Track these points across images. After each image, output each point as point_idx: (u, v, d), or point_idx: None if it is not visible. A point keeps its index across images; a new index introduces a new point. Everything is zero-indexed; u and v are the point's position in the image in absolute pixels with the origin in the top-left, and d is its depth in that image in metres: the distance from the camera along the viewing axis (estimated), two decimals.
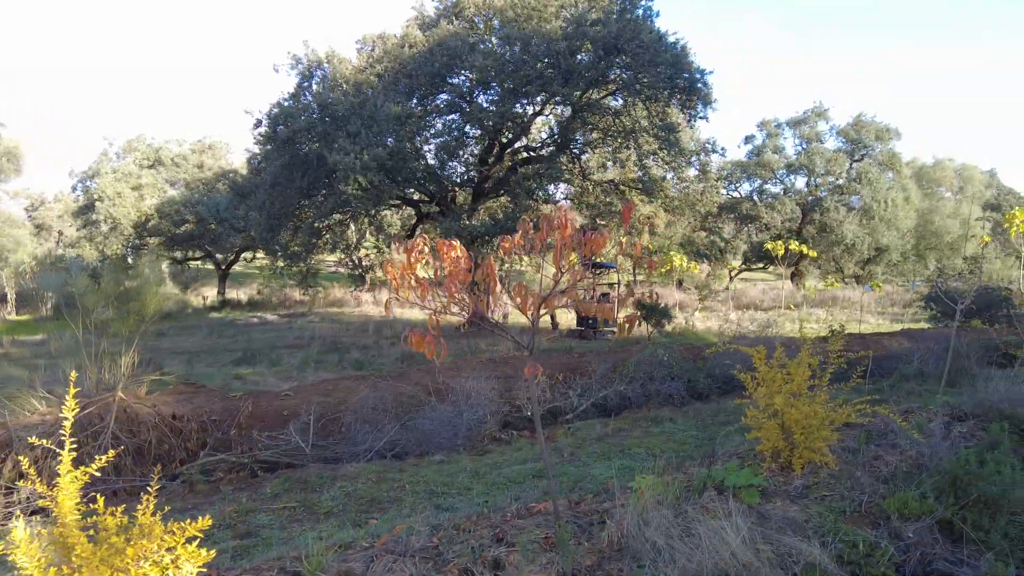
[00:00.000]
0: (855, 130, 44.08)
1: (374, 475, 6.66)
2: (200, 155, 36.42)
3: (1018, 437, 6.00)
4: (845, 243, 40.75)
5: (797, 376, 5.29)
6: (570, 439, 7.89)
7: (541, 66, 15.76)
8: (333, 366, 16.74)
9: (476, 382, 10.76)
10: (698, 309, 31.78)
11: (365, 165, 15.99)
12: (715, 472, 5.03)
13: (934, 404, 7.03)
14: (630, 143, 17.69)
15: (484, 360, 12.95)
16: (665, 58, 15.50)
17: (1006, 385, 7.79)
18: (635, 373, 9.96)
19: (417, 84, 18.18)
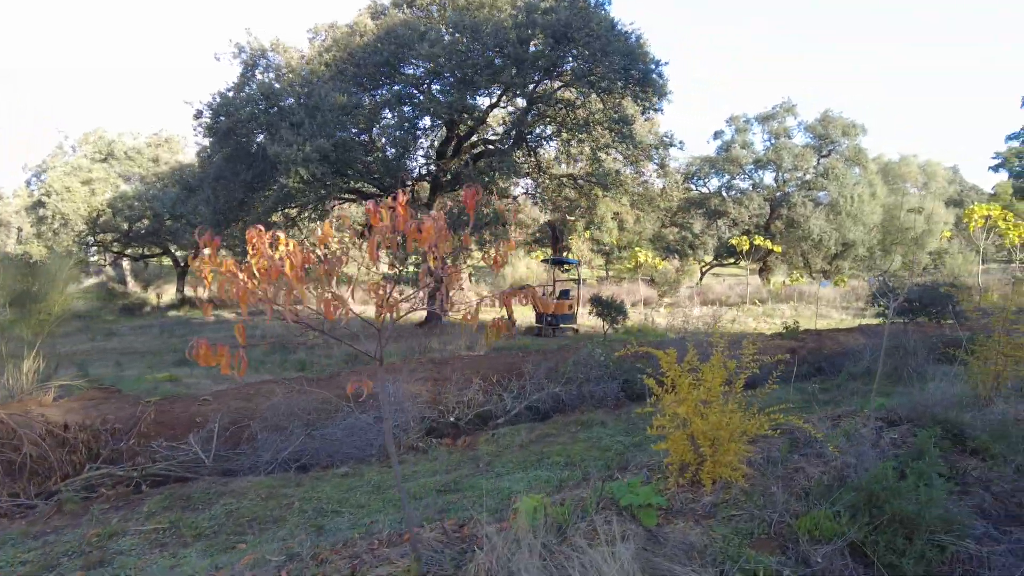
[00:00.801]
0: (822, 126, 44.18)
1: (266, 490, 6.10)
2: (156, 149, 35.31)
3: (950, 443, 5.62)
4: (812, 238, 40.82)
5: (708, 381, 4.83)
6: (491, 446, 7.40)
7: (491, 55, 15.23)
8: (276, 367, 16.09)
9: (407, 385, 10.24)
10: (662, 305, 31.52)
11: (307, 157, 15.34)
12: (616, 488, 4.55)
13: (870, 407, 6.65)
14: (584, 136, 17.23)
15: (426, 360, 12.41)
16: (617, 47, 15.05)
17: (947, 384, 7.45)
18: (572, 374, 9.50)
19: (366, 74, 17.53)
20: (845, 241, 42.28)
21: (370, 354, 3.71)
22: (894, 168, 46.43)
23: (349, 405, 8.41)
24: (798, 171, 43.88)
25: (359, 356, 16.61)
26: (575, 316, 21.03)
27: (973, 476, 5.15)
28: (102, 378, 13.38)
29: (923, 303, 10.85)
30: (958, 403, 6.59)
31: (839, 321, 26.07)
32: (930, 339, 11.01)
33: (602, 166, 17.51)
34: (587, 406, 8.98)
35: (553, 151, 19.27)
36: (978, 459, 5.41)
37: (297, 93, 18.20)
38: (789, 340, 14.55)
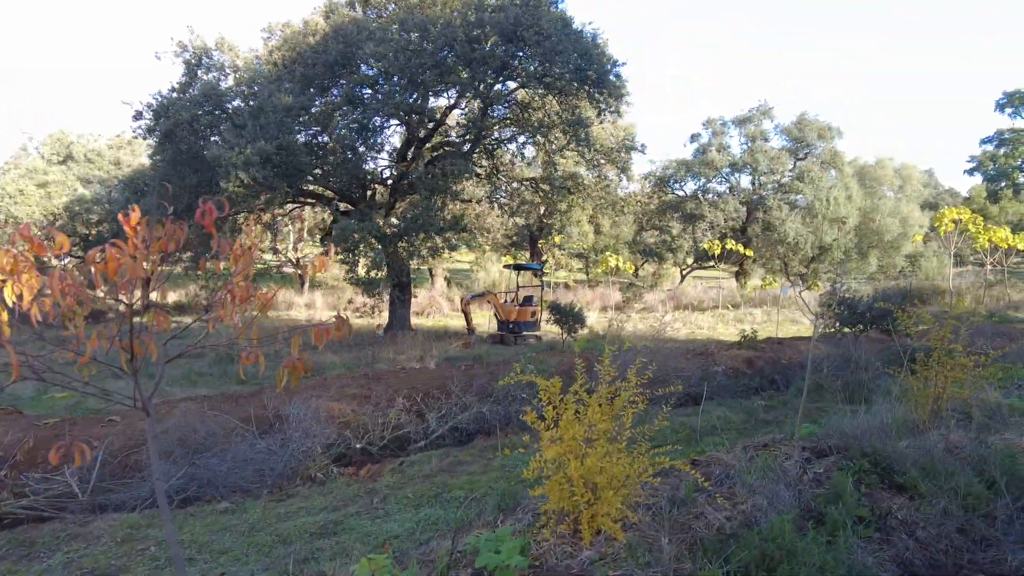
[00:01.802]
0: (798, 128, 43.99)
1: (126, 532, 5.45)
2: (117, 151, 34.38)
3: (878, 478, 5.07)
4: (787, 242, 40.54)
5: (590, 417, 4.24)
6: (396, 477, 6.78)
7: (441, 55, 14.63)
8: (215, 380, 15.39)
9: (333, 403, 9.61)
10: (635, 310, 31.03)
11: (248, 160, 14.66)
12: (482, 542, 3.95)
13: (801, 433, 6.10)
14: (539, 138, 16.67)
15: (361, 375, 11.76)
16: (567, 46, 14.49)
17: (889, 405, 6.93)
18: (501, 392, 8.89)
19: (315, 74, 16.87)
20: (821, 244, 42.06)
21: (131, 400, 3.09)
22: (870, 171, 46.31)
23: (252, 430, 7.76)
24: (774, 174, 43.67)
25: None
26: (538, 323, 20.46)
27: (898, 519, 4.60)
28: (19, 396, 12.60)
29: (873, 315, 10.38)
30: (896, 429, 6.06)
31: (808, 328, 25.68)
32: (883, 352, 10.53)
33: (558, 169, 16.94)
34: (513, 428, 8.39)
35: (511, 154, 18.63)
36: (906, 497, 4.87)
37: (244, 94, 17.52)
38: (747, 350, 14.05)
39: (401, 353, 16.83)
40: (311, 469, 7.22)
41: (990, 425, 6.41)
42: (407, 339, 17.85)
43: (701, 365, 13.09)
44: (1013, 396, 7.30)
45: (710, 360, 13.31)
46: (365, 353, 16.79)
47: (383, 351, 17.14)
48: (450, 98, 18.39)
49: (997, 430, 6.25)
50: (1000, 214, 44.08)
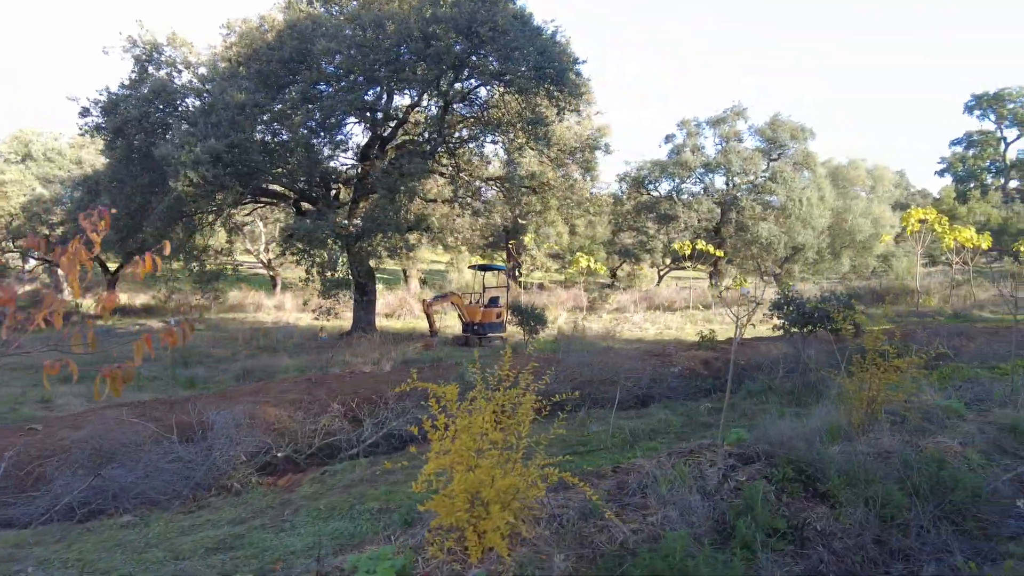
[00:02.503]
0: (771, 129, 44.15)
1: (7, 552, 5.10)
2: (79, 150, 33.62)
3: (801, 486, 4.86)
4: (760, 242, 40.66)
5: (479, 426, 3.97)
6: (315, 487, 6.48)
7: (395, 51, 14.31)
8: (163, 385, 14.94)
9: (269, 409, 9.28)
10: (608, 311, 30.93)
11: (197, 159, 14.24)
12: (361, 562, 3.67)
13: (732, 438, 5.88)
14: (500, 138, 16.42)
15: (303, 379, 11.42)
16: (524, 43, 14.23)
17: (829, 408, 6.75)
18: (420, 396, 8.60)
19: (270, 71, 16.47)
20: (794, 244, 42.25)
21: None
22: (843, 171, 46.67)
23: (174, 438, 7.41)
24: (747, 175, 43.80)
25: (253, 372, 15.55)
26: (504, 324, 20.19)
27: (816, 530, 4.38)
28: None
29: (819, 314, 10.24)
30: (829, 433, 5.88)
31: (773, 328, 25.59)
32: (834, 353, 10.38)
33: (518, 169, 16.69)
34: None
35: (470, 153, 18.32)
36: (828, 506, 4.67)
37: (199, 91, 17.09)
38: (705, 351, 13.89)
39: (359, 356, 16.47)
40: (233, 479, 6.89)
41: (925, 428, 6.24)
42: (366, 341, 17.49)
43: (657, 366, 12.91)
44: (952, 398, 7.15)
45: (667, 361, 13.13)
46: (319, 357, 16.42)
47: (341, 354, 16.77)
48: (412, 96, 18.07)
49: (932, 433, 6.09)
50: (969, 214, 44.56)
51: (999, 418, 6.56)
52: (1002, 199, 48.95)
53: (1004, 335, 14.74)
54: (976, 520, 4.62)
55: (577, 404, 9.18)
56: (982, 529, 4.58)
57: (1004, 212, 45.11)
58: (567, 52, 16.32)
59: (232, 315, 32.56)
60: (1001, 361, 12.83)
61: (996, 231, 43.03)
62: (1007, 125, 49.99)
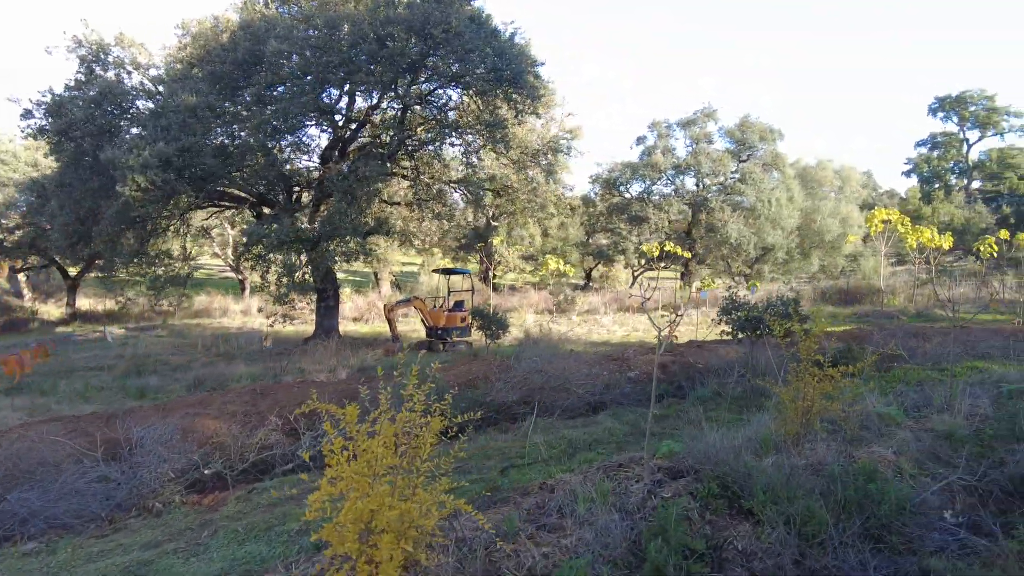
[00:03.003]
0: (741, 131, 44.50)
1: None
2: (36, 152, 32.80)
3: (726, 503, 4.74)
4: (730, 242, 40.94)
5: (374, 449, 3.77)
6: (241, 506, 6.23)
7: (348, 52, 14.03)
8: (111, 396, 14.51)
9: (202, 420, 8.99)
10: (578, 313, 30.87)
11: (145, 163, 13.86)
12: None
13: (664, 450, 5.75)
14: (458, 140, 16.23)
15: (248, 390, 11.11)
16: (478, 44, 14.04)
17: (769, 418, 6.66)
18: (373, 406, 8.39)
19: (224, 73, 16.12)
20: (764, 245, 42.60)
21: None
22: (811, 172, 47.14)
23: (98, 456, 7.11)
24: (717, 176, 44.08)
25: (206, 381, 15.19)
26: (470, 329, 19.97)
27: (737, 549, 4.25)
28: None
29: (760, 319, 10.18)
30: (763, 444, 5.77)
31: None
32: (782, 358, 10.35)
33: (477, 171, 16.52)
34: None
35: (428, 156, 18.08)
36: (751, 524, 4.55)
37: (151, 93, 16.68)
38: (663, 354, 13.80)
39: (316, 363, 16.18)
40: (159, 497, 6.62)
41: (862, 437, 6.17)
42: (322, 348, 17.19)
43: (614, 371, 12.80)
44: (893, 405, 7.10)
45: (624, 365, 13.03)
46: (275, 364, 16.10)
47: (298, 361, 16.47)
48: (371, 98, 17.81)
49: (868, 442, 6.02)
50: (933, 215, 45.29)
51: (936, 425, 6.52)
52: (965, 199, 49.85)
53: (957, 335, 14.88)
54: (901, 535, 4.53)
55: (526, 412, 9.02)
56: (906, 544, 4.49)
57: (967, 212, 45.92)
58: (526, 54, 16.17)
59: (197, 320, 31.98)
60: (954, 362, 12.93)
61: (959, 231, 43.82)
62: (969, 127, 50.95)
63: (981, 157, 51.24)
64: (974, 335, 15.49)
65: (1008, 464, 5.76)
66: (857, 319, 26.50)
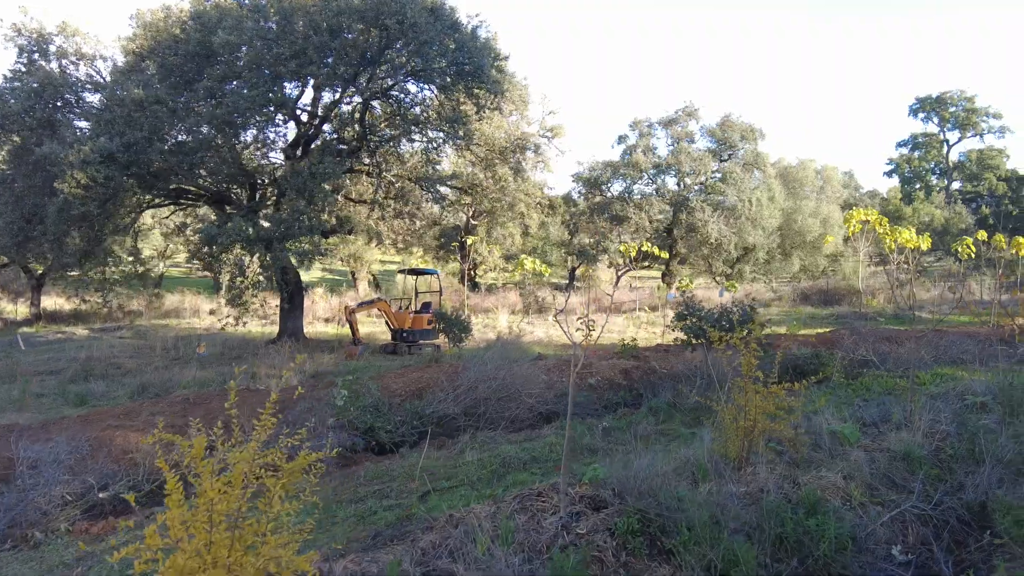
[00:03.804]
0: (722, 130, 44.17)
1: None
2: None
3: (646, 541, 4.21)
4: (710, 242, 40.60)
5: (210, 492, 3.20)
6: (129, 535, 5.63)
7: (301, 45, 13.40)
8: (50, 403, 13.79)
9: (123, 434, 8.38)
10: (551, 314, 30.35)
11: (86, 158, 13.17)
12: None
13: (591, 475, 5.21)
14: (418, 136, 15.64)
15: (180, 399, 10.49)
16: (434, 37, 13.46)
17: (710, 438, 6.15)
18: (298, 421, 7.80)
19: (174, 65, 15.44)
20: (745, 245, 42.31)
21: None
22: (793, 172, 46.91)
23: None
24: (698, 175, 43.74)
25: (150, 387, 14.52)
26: (436, 331, 19.37)
27: None
28: None
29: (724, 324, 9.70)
30: (700, 469, 5.25)
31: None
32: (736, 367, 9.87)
33: (435, 167, 15.93)
34: (362, 456, 7.31)
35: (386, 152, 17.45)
36: (673, 567, 4.02)
37: (99, 85, 15.97)
38: (627, 359, 13.30)
39: (272, 367, 15.54)
40: (46, 525, 6.01)
41: (812, 458, 5.67)
42: (276, 351, 16.58)
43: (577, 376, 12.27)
44: (850, 421, 6.61)
45: (586, 372, 12.51)
46: (228, 370, 15.45)
47: (254, 365, 15.82)
48: (334, 92, 17.18)
49: (816, 465, 5.51)
50: (914, 215, 45.21)
51: (894, 444, 6.03)
52: (945, 200, 49.85)
53: (930, 339, 14.50)
54: None
55: (468, 425, 8.47)
56: None
57: (947, 213, 45.89)
58: (491, 48, 15.61)
59: (166, 321, 31.19)
60: (923, 368, 12.52)
61: (939, 231, 43.73)
62: (949, 128, 50.98)
63: (961, 158, 51.32)
64: (948, 338, 15.10)
65: (967, 489, 5.29)
66: (834, 320, 26.19)
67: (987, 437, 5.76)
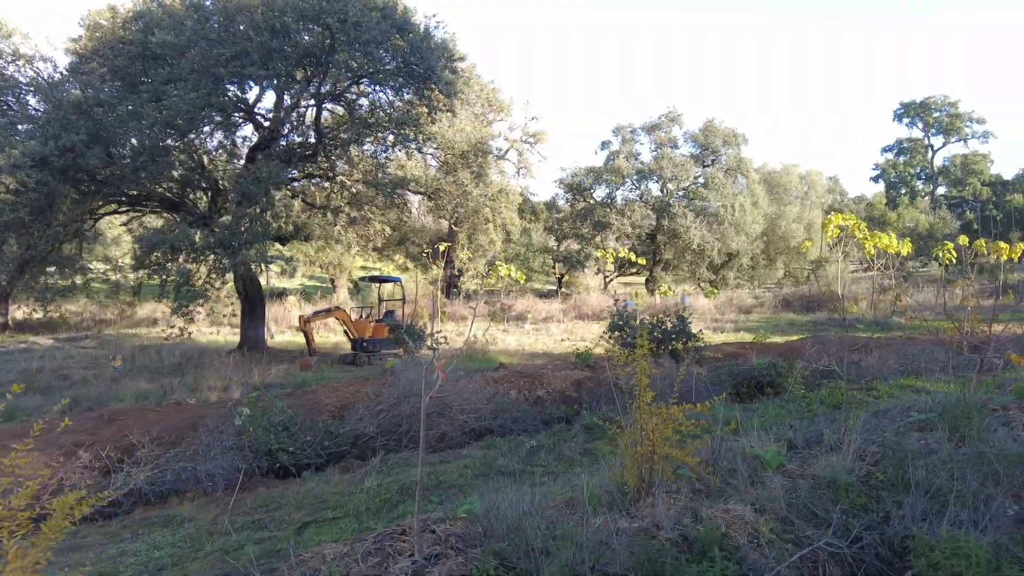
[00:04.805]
0: (704, 135, 43.91)
1: None
2: None
3: None
4: (692, 248, 40.25)
5: None
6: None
7: (242, 45, 12.86)
8: None
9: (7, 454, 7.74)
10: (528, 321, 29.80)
11: (16, 162, 12.61)
12: None
13: (465, 508, 4.65)
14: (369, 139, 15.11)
15: (93, 416, 9.88)
16: (384, 37, 12.95)
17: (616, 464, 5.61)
18: (198, 442, 7.24)
19: (118, 66, 14.90)
20: (729, 251, 41.96)
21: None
22: (777, 177, 46.62)
23: None
24: (682, 181, 43.41)
25: (84, 400, 13.91)
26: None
27: None
28: None
29: (660, 334, 9.20)
30: (591, 501, 4.71)
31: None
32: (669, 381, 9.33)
33: (385, 171, 15.40)
34: (200, 490, 6.73)
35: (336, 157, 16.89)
36: None
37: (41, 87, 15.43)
38: (580, 369, 12.76)
39: (220, 379, 14.96)
40: None
41: (724, 490, 5.13)
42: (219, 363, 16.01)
43: (522, 388, 11.78)
44: (781, 441, 6.08)
45: (535, 383, 11.97)
46: (170, 381, 14.86)
47: (199, 377, 15.23)
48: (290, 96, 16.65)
49: (727, 495, 4.96)
50: (898, 220, 44.94)
51: (822, 468, 5.49)
52: (931, 205, 49.63)
53: (899, 347, 14.03)
54: None
55: (386, 446, 7.91)
56: None
57: (931, 218, 45.64)
58: (446, 49, 15.10)
59: (136, 330, 30.53)
60: (888, 378, 12.03)
61: (924, 236, 43.46)
62: (934, 133, 50.81)
63: (945, 163, 51.14)
64: (918, 347, 14.62)
65: (892, 521, 4.76)
66: (813, 327, 25.72)
67: (916, 463, 5.24)
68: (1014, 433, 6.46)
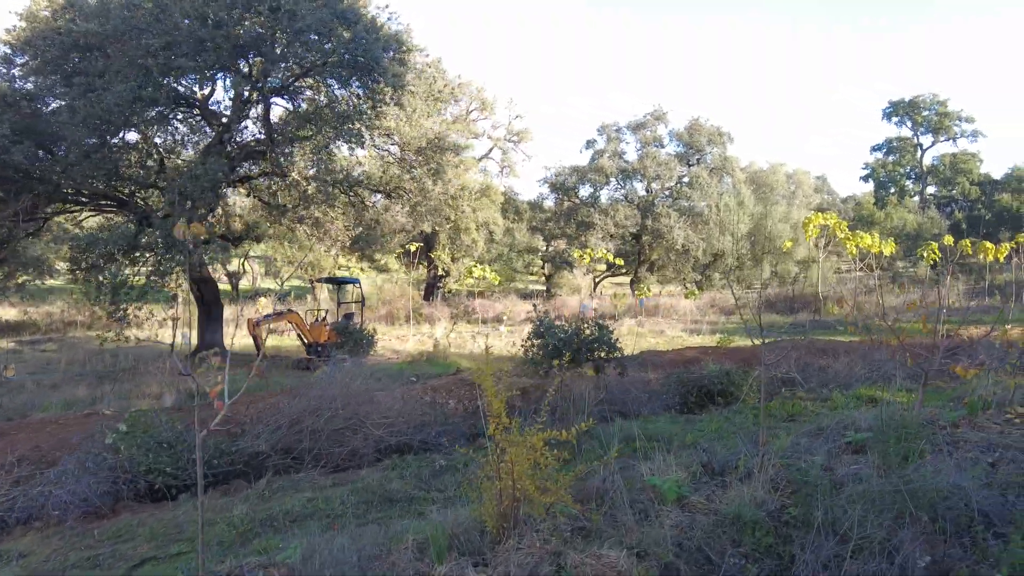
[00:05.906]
0: (689, 134, 43.29)
1: None
2: None
3: None
4: (677, 248, 39.65)
5: None
6: None
7: (171, 35, 12.15)
8: None
9: None
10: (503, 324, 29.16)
11: None
12: None
13: (287, 555, 3.98)
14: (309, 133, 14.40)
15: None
16: (323, 27, 12.25)
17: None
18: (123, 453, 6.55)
19: (51, 58, 14.20)
20: (714, 251, 41.36)
21: None
22: (763, 176, 46.00)
23: None
24: (666, 180, 42.81)
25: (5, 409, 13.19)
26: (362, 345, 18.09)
27: None
28: None
29: (580, 344, 8.55)
30: (435, 545, 4.04)
31: (670, 339, 24.14)
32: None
33: (328, 166, 14.69)
34: (52, 519, 6.03)
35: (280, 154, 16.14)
36: None
37: None
38: (531, 377, 12.10)
39: (158, 385, 14.26)
40: None
41: (613, 525, 4.46)
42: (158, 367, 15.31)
43: (462, 397, 11.13)
44: (671, 478, 5.38)
45: (478, 392, 11.28)
46: (101, 391, 14.15)
47: (138, 384, 14.53)
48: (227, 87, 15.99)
49: (606, 536, 4.29)
50: (887, 220, 44.37)
51: (730, 500, 4.82)
52: (920, 205, 49.08)
53: (866, 352, 13.37)
54: None
55: (281, 465, 7.22)
56: None
57: (919, 218, 45.08)
58: (400, 41, 14.42)
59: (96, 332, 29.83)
60: (850, 386, 11.38)
61: (912, 236, 42.83)
62: (922, 132, 50.24)
63: (934, 162, 50.57)
64: (890, 350, 13.97)
65: (797, 567, 4.11)
66: (793, 329, 25.08)
67: (836, 496, 4.58)
68: (958, 457, 5.70)
